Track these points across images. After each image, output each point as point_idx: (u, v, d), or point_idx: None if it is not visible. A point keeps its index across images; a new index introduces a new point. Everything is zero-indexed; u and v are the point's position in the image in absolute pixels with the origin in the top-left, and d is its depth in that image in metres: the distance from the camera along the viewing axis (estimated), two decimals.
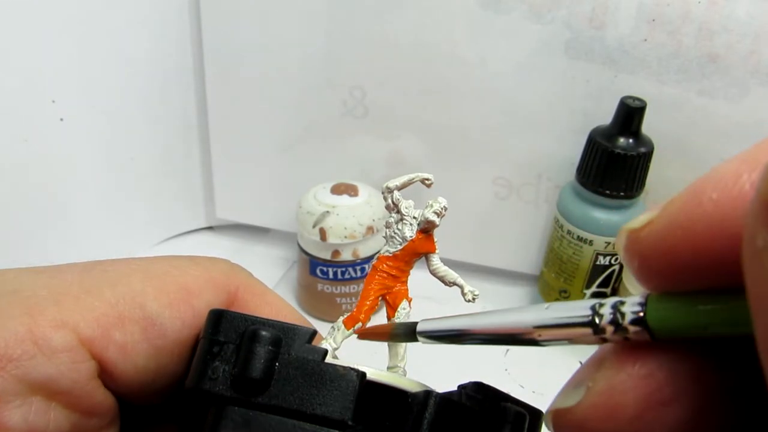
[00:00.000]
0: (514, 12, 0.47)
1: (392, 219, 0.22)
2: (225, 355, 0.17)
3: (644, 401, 0.12)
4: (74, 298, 0.18)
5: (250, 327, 0.17)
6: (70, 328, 0.17)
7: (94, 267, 0.20)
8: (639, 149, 0.45)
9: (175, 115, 0.57)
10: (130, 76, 0.54)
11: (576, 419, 0.13)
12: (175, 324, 0.19)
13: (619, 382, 0.13)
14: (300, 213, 0.52)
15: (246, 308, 0.21)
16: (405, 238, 0.21)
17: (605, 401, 0.13)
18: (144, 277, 0.19)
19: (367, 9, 0.50)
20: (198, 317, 0.19)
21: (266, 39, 0.53)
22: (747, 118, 0.46)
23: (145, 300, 0.19)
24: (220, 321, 0.18)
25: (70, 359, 0.17)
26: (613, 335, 0.13)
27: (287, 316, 0.22)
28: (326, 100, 0.54)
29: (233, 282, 0.21)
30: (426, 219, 0.21)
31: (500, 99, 0.50)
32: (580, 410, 0.13)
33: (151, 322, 0.19)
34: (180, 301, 0.19)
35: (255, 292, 0.22)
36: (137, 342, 0.18)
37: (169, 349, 0.19)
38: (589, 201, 0.48)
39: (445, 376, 0.22)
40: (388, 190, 0.21)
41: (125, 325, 0.18)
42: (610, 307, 0.13)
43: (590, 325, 0.13)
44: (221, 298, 0.21)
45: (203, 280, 0.20)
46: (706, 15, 0.43)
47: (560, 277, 0.51)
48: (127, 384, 0.19)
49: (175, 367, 0.19)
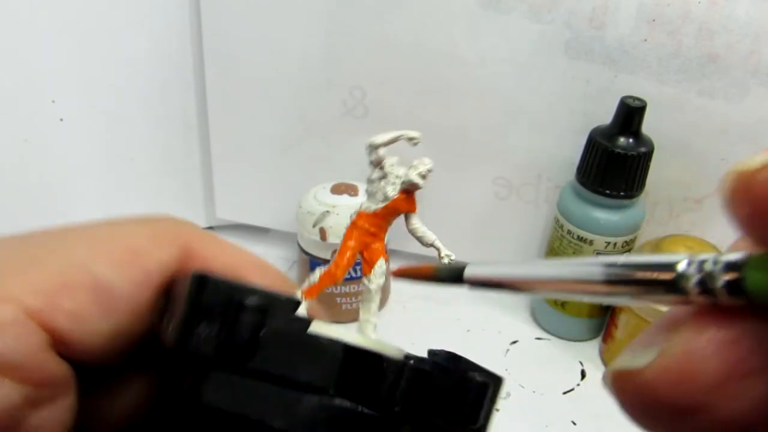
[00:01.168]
0: (514, 12, 0.47)
1: (375, 175, 0.21)
2: (209, 319, 0.17)
3: (725, 371, 0.11)
4: (16, 270, 0.18)
5: (235, 295, 0.17)
6: (14, 302, 0.17)
7: (32, 237, 0.19)
8: (639, 149, 0.45)
9: (175, 115, 0.57)
10: (130, 76, 0.54)
11: (643, 382, 0.12)
12: (127, 286, 0.19)
13: (698, 346, 0.11)
14: (300, 213, 0.52)
15: (202, 261, 0.21)
16: (387, 196, 0.21)
17: (680, 366, 0.11)
18: (88, 242, 0.19)
19: (367, 9, 0.50)
20: (150, 277, 0.19)
21: (266, 39, 0.53)
22: (747, 118, 0.46)
23: (92, 265, 0.18)
24: (204, 285, 0.17)
25: (17, 333, 0.17)
26: (699, 298, 0.11)
27: (246, 264, 0.21)
28: (326, 100, 0.54)
29: (182, 236, 0.21)
30: (410, 181, 0.21)
31: (500, 99, 0.50)
32: (650, 373, 0.12)
33: (101, 286, 0.18)
34: (128, 262, 0.19)
35: (207, 244, 0.21)
36: (88, 308, 0.18)
37: (123, 312, 0.19)
38: (590, 201, 0.48)
39: None
40: (373, 146, 0.21)
41: (74, 293, 0.18)
42: (699, 266, 0.11)
43: (673, 285, 0.11)
44: (173, 254, 0.20)
45: (150, 239, 0.20)
46: (706, 15, 0.43)
47: None
48: (83, 350, 0.18)
49: (133, 328, 0.19)
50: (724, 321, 0.11)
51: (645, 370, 0.12)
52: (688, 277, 0.11)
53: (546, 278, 0.14)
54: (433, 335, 0.50)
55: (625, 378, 0.12)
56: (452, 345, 0.20)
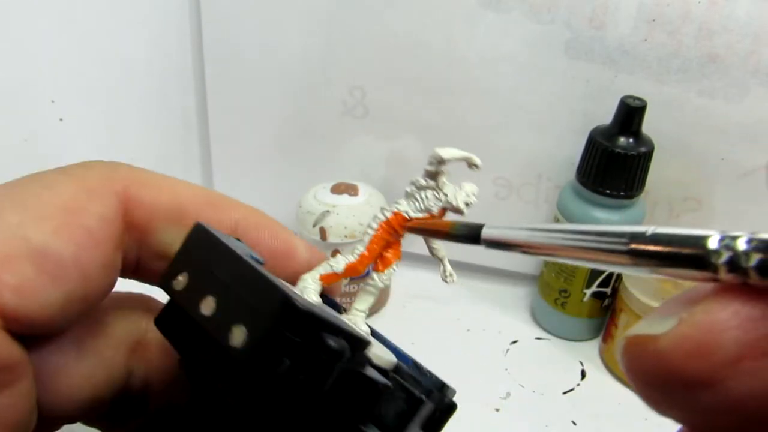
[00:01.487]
0: (514, 11, 0.47)
1: (423, 183, 0.21)
2: (288, 351, 0.16)
3: (746, 347, 0.10)
4: None
5: (319, 331, 0.16)
6: None
7: None
8: (639, 149, 0.45)
9: (175, 115, 0.57)
10: (130, 76, 0.54)
11: (659, 349, 0.11)
12: (68, 248, 0.17)
13: (721, 318, 0.11)
14: (300, 213, 0.52)
15: (142, 204, 0.20)
16: (428, 208, 0.21)
17: (700, 336, 0.11)
18: (16, 208, 0.17)
19: (366, 9, 0.50)
20: (93, 236, 0.18)
21: (266, 39, 0.53)
22: (747, 118, 0.46)
23: (26, 232, 0.17)
24: (291, 312, 0.15)
25: None
26: (727, 275, 0.11)
27: (192, 201, 0.21)
28: (326, 100, 0.54)
29: (117, 183, 0.19)
30: (455, 207, 0.20)
31: (500, 99, 0.50)
32: (667, 340, 0.11)
33: (42, 253, 0.17)
34: (65, 224, 0.18)
35: (146, 184, 0.20)
36: (33, 279, 0.17)
37: (72, 277, 0.17)
38: (590, 201, 0.48)
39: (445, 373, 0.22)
40: (439, 159, 0.20)
41: (14, 266, 0.16)
42: (730, 242, 0.11)
43: (702, 261, 0.11)
44: (112, 205, 0.19)
45: (84, 193, 0.18)
46: (706, 15, 0.43)
47: (560, 276, 0.51)
48: (36, 324, 0.17)
49: (86, 290, 0.18)
50: (750, 298, 0.11)
51: (662, 338, 0.11)
52: (719, 254, 0.11)
53: (567, 245, 0.13)
54: (433, 335, 0.50)
55: (640, 344, 0.12)
56: (452, 345, 0.20)
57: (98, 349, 0.20)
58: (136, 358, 0.21)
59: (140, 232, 0.20)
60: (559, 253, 0.14)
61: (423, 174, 0.20)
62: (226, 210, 0.21)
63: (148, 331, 0.22)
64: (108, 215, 0.19)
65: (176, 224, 0.20)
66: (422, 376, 0.21)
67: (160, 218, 0.20)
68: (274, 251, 0.22)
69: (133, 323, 0.22)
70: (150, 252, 0.21)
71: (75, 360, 0.20)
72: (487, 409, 0.46)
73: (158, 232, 0.20)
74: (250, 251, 0.19)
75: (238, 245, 0.19)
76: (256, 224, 0.22)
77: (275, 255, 0.22)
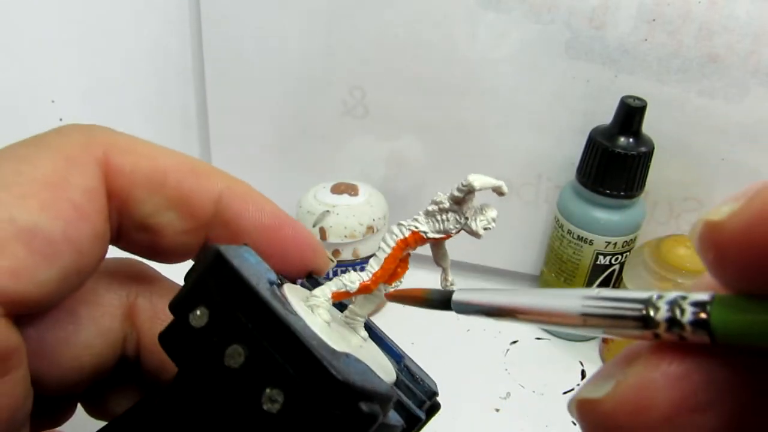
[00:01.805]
0: (514, 11, 0.47)
1: (445, 204, 0.20)
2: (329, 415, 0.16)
3: (676, 404, 0.11)
4: None
5: (358, 396, 0.16)
6: None
7: None
8: (639, 149, 0.45)
9: (175, 115, 0.57)
10: (130, 76, 0.54)
11: (602, 411, 0.12)
12: (57, 225, 0.17)
13: (651, 380, 0.12)
14: (300, 213, 0.52)
15: (122, 171, 0.19)
16: (446, 230, 0.20)
17: (634, 398, 0.12)
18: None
19: (367, 9, 0.50)
20: (78, 208, 0.18)
21: (266, 39, 0.53)
22: (747, 118, 0.46)
23: (12, 212, 0.16)
24: (336, 389, 0.15)
25: None
26: (666, 333, 0.12)
27: (174, 166, 0.20)
28: (326, 100, 0.54)
29: (96, 149, 0.19)
30: (473, 231, 0.20)
31: (500, 99, 0.50)
32: (608, 403, 0.12)
33: (31, 233, 0.16)
34: (51, 199, 0.17)
35: (126, 150, 0.19)
36: (26, 259, 0.16)
37: (64, 253, 0.17)
38: (590, 201, 0.48)
39: (445, 373, 0.22)
40: (471, 188, 0.19)
41: (4, 248, 0.16)
42: (668, 302, 0.12)
43: (643, 320, 0.12)
44: (94, 175, 0.18)
45: (63, 164, 0.18)
46: (706, 15, 0.43)
47: (560, 276, 0.51)
48: (34, 302, 0.17)
49: (80, 264, 0.18)
50: (677, 355, 0.12)
51: (603, 400, 0.12)
52: (657, 310, 0.12)
53: (529, 309, 0.15)
54: (433, 335, 0.50)
55: (587, 407, 0.13)
56: (452, 345, 0.20)
57: (94, 318, 0.20)
58: (129, 324, 0.21)
59: (121, 200, 0.20)
60: (522, 317, 0.15)
61: (448, 196, 0.20)
62: (209, 179, 0.21)
63: (138, 296, 0.22)
64: (92, 186, 0.18)
65: (157, 193, 0.20)
66: (415, 383, 0.21)
67: (141, 186, 0.20)
68: (260, 225, 0.21)
69: (124, 289, 0.22)
70: (131, 222, 0.20)
71: (73, 332, 0.20)
72: (487, 409, 0.46)
73: (139, 201, 0.20)
74: (265, 269, 0.19)
75: (252, 266, 0.18)
76: (241, 195, 0.21)
77: (261, 228, 0.21)
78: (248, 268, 0.18)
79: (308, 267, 0.23)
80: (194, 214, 0.20)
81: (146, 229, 0.20)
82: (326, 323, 0.19)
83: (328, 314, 0.20)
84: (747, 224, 0.11)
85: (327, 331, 0.19)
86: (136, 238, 0.20)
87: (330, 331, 0.19)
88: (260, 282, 0.17)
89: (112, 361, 0.21)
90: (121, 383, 0.23)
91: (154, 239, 0.20)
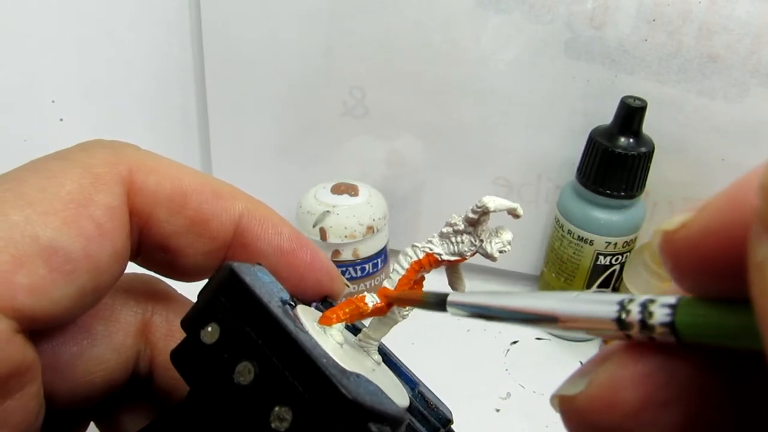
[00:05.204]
0: (514, 12, 0.47)
1: (460, 226, 0.20)
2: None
3: (642, 400, 0.12)
4: None
5: (370, 419, 0.16)
6: None
7: None
8: (639, 149, 0.45)
9: (175, 115, 0.57)
10: (130, 76, 0.54)
11: (577, 408, 0.14)
12: (78, 243, 0.17)
13: (619, 378, 0.13)
14: (300, 213, 0.52)
15: (145, 191, 0.19)
16: (461, 253, 0.20)
17: (604, 395, 0.13)
18: (20, 204, 0.17)
19: (367, 9, 0.50)
20: (100, 226, 0.18)
21: (266, 39, 0.53)
22: (747, 118, 0.46)
23: (35, 229, 0.16)
24: (347, 410, 0.15)
25: None
26: (638, 333, 0.13)
27: (196, 186, 0.20)
28: (326, 100, 0.54)
29: (122, 167, 0.19)
30: (489, 253, 0.20)
31: (500, 99, 0.50)
32: (581, 400, 0.13)
33: (52, 250, 0.16)
34: (74, 217, 0.17)
35: (150, 169, 0.19)
36: (45, 276, 0.16)
37: (83, 271, 0.17)
38: (590, 201, 0.48)
39: (445, 373, 0.22)
40: (486, 210, 0.19)
41: (26, 266, 0.16)
42: (639, 305, 0.13)
43: (617, 321, 0.13)
44: (118, 193, 0.18)
45: (88, 182, 0.18)
46: (706, 15, 0.43)
47: (560, 276, 0.51)
48: (51, 319, 0.17)
49: (98, 282, 0.18)
50: (643, 355, 0.13)
51: (577, 397, 0.14)
52: (629, 312, 0.13)
53: (515, 309, 0.16)
54: (433, 335, 0.50)
55: (564, 403, 0.14)
56: (452, 345, 0.20)
57: (109, 334, 0.21)
58: (142, 340, 0.21)
59: (142, 219, 0.20)
60: (507, 316, 0.16)
61: (463, 218, 0.20)
62: (230, 201, 0.21)
63: (153, 314, 0.22)
64: (115, 204, 0.18)
65: (178, 214, 0.20)
66: (429, 409, 0.21)
67: (163, 207, 0.20)
68: (278, 248, 0.22)
69: (140, 306, 0.22)
70: (151, 241, 0.20)
71: (87, 347, 0.20)
72: (487, 409, 0.46)
73: (161, 222, 0.20)
74: (279, 289, 0.19)
75: (265, 284, 0.18)
76: (260, 218, 0.22)
77: (279, 251, 0.22)
78: (261, 286, 0.18)
79: (324, 291, 0.23)
80: (214, 236, 0.21)
81: (165, 249, 0.20)
82: (338, 344, 0.19)
83: (340, 336, 0.20)
84: (695, 236, 0.12)
85: (339, 351, 0.18)
86: (155, 256, 0.21)
87: (342, 353, 0.19)
88: (272, 300, 0.17)
89: (123, 378, 0.21)
90: (134, 401, 0.23)
91: (173, 258, 0.21)
